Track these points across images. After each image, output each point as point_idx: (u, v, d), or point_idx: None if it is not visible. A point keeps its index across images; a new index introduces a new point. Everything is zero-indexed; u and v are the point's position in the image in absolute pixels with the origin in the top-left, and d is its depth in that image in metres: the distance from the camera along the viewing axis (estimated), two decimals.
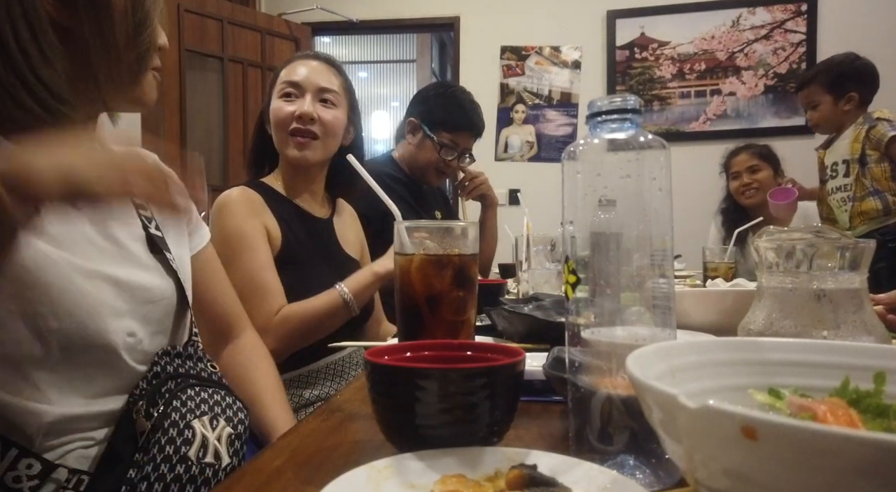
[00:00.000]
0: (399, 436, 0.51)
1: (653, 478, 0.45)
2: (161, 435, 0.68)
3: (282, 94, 1.38)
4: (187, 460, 0.67)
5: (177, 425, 0.69)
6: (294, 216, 1.40)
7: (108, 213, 0.76)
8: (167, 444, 0.67)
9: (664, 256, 0.48)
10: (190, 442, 0.69)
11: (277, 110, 1.37)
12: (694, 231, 2.86)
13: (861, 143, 2.48)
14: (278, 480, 0.50)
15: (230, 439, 0.73)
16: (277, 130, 1.39)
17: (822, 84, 2.59)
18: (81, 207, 0.52)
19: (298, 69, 1.39)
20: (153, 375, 0.74)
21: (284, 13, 4.41)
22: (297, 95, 1.38)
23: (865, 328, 0.60)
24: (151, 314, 0.77)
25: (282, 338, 1.25)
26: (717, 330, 0.93)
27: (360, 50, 7.68)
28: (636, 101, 0.50)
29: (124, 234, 0.78)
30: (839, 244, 0.61)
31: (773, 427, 0.25)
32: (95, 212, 0.73)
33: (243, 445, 0.77)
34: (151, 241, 0.82)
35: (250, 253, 1.27)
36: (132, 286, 0.74)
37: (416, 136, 2.06)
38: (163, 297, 0.80)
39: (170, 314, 0.81)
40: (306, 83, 1.38)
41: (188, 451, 0.68)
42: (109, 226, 0.76)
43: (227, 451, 0.72)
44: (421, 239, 0.74)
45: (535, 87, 4.26)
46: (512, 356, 0.53)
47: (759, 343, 0.45)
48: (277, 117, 1.37)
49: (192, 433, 0.69)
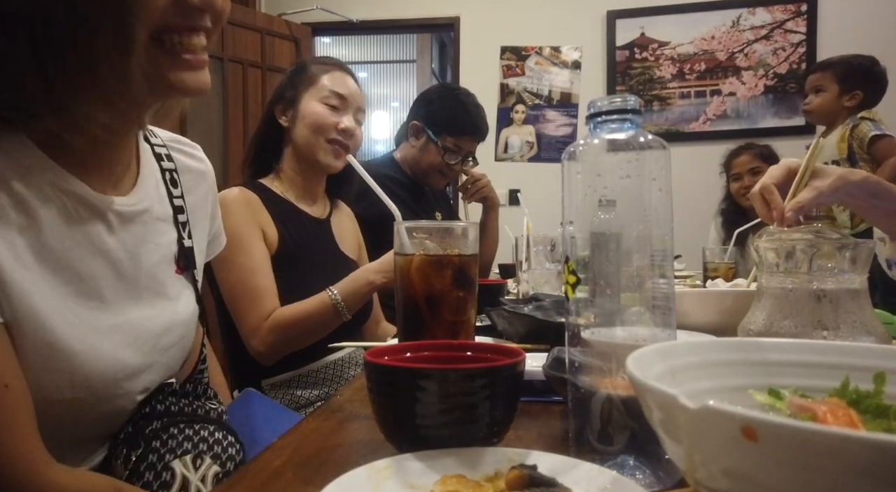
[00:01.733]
0: (399, 436, 0.51)
1: (653, 478, 0.45)
2: (136, 481, 0.64)
3: (326, 102, 1.41)
4: None
5: (154, 467, 0.65)
6: (292, 216, 1.41)
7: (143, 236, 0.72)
8: (143, 488, 0.64)
9: (664, 256, 0.48)
10: (168, 485, 0.64)
11: (323, 116, 1.40)
12: (694, 231, 2.86)
13: (847, 142, 2.50)
14: (278, 480, 0.50)
15: (217, 478, 0.68)
16: (315, 133, 1.41)
17: (836, 73, 2.61)
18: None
19: (347, 82, 1.45)
20: (140, 415, 0.70)
21: (284, 13, 4.41)
22: (341, 109, 1.42)
23: (865, 329, 0.60)
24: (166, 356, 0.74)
25: (271, 342, 1.26)
26: (717, 330, 0.93)
27: (359, 50, 7.68)
28: (636, 101, 0.50)
29: (156, 258, 0.74)
30: (839, 244, 0.61)
31: (774, 428, 0.25)
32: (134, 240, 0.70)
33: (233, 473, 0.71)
34: (181, 255, 0.78)
35: (245, 255, 1.27)
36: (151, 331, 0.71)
37: (419, 139, 2.06)
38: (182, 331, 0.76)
39: (185, 346, 0.78)
40: (350, 100, 1.44)
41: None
42: (142, 253, 0.72)
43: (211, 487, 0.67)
44: (421, 239, 0.74)
45: (535, 87, 4.26)
46: (512, 357, 0.53)
47: (759, 344, 0.45)
48: (322, 123, 1.40)
49: (171, 475, 0.65)
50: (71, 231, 0.64)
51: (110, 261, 0.68)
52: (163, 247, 0.75)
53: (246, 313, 1.26)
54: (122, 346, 0.66)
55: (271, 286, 1.30)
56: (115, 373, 0.65)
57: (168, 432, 0.68)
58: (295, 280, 1.32)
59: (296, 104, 1.43)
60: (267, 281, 1.29)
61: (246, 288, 1.25)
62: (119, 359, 0.65)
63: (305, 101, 1.42)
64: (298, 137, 1.42)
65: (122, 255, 0.69)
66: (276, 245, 1.34)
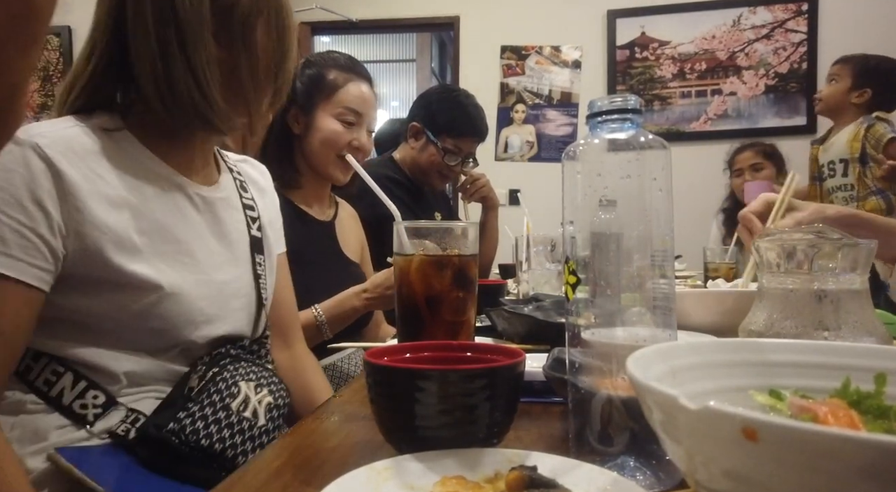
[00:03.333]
0: (398, 437, 0.51)
1: (653, 479, 0.45)
2: (211, 386, 0.79)
3: (342, 119, 1.42)
4: (228, 409, 0.78)
5: (226, 381, 0.80)
6: (296, 219, 1.40)
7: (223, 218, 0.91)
8: (215, 393, 0.78)
9: (665, 256, 0.48)
10: (234, 396, 0.79)
11: (336, 134, 1.41)
12: (694, 231, 2.86)
13: (860, 142, 2.48)
14: (278, 480, 0.50)
15: (269, 406, 0.83)
16: (328, 149, 1.41)
17: (853, 66, 2.62)
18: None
19: (362, 97, 1.44)
20: (217, 354, 0.85)
21: None
22: (356, 124, 1.43)
23: (866, 329, 0.60)
24: (231, 309, 0.88)
25: None
26: (717, 331, 0.92)
27: (359, 49, 7.68)
28: (636, 100, 0.50)
29: (234, 236, 0.92)
30: (840, 245, 0.61)
31: (774, 429, 0.25)
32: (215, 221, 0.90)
33: (280, 416, 0.85)
34: (252, 242, 0.95)
35: None
36: (228, 287, 0.87)
37: (419, 140, 2.05)
38: (246, 294, 0.91)
39: (246, 310, 0.91)
40: (365, 115, 1.44)
41: (231, 402, 0.78)
42: (225, 231, 0.91)
43: (264, 414, 0.81)
44: (420, 240, 0.74)
45: (535, 86, 4.26)
46: (512, 357, 0.53)
47: (760, 344, 0.45)
48: (335, 141, 1.41)
49: (238, 390, 0.80)
50: (166, 204, 0.83)
51: (199, 231, 0.87)
52: (238, 231, 0.94)
53: None
54: (203, 297, 0.83)
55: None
56: (195, 315, 0.82)
57: (240, 363, 0.85)
58: (298, 283, 1.32)
59: (310, 114, 1.42)
60: None
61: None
62: (200, 307, 0.82)
63: (320, 114, 1.41)
64: (309, 148, 1.42)
65: (207, 228, 0.88)
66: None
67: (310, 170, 1.45)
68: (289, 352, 1.10)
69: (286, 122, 1.44)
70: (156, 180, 0.83)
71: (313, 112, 1.42)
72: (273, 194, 1.09)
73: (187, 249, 0.84)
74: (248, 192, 1.00)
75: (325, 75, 1.44)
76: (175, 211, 0.84)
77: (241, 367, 0.84)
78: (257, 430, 0.80)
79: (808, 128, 3.85)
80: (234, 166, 1.02)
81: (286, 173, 1.43)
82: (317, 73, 1.45)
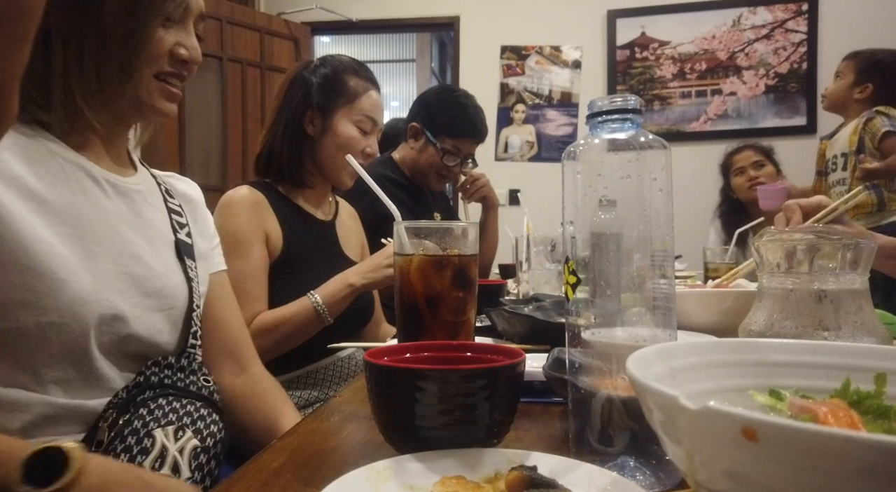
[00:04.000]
0: (398, 437, 0.51)
1: (653, 480, 0.45)
2: (119, 443, 0.67)
3: (360, 126, 1.43)
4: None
5: (137, 433, 0.68)
6: (297, 218, 1.41)
7: (138, 211, 0.83)
8: (123, 452, 0.67)
9: (665, 256, 0.48)
10: (147, 451, 0.68)
11: (355, 141, 1.42)
12: (694, 231, 2.86)
13: (858, 134, 2.48)
14: (277, 481, 0.50)
15: (195, 452, 0.72)
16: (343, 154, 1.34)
17: (858, 62, 2.62)
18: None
19: (377, 102, 1.47)
20: (135, 384, 0.74)
21: (283, 13, 4.41)
22: (371, 132, 1.46)
23: (866, 329, 0.60)
24: (161, 315, 0.79)
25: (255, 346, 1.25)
26: (717, 331, 0.93)
27: (359, 49, 7.68)
28: (636, 101, 0.50)
29: (152, 233, 0.84)
30: (840, 245, 0.61)
31: (774, 429, 0.25)
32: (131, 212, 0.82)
33: (212, 460, 0.74)
34: (179, 245, 0.88)
35: (241, 259, 1.26)
36: (147, 287, 0.78)
37: (418, 140, 2.05)
38: (175, 302, 0.82)
39: (173, 317, 0.82)
40: (378, 122, 1.48)
41: (143, 460, 0.67)
42: (139, 223, 0.82)
43: (188, 464, 0.70)
44: (420, 240, 0.74)
45: (535, 86, 4.26)
46: (512, 357, 0.53)
47: (760, 344, 0.45)
48: (352, 147, 1.41)
49: (152, 443, 0.69)
50: (65, 183, 0.74)
51: (109, 219, 0.78)
52: (159, 229, 0.86)
53: None
54: (111, 288, 0.73)
55: (261, 292, 1.29)
56: (101, 308, 0.71)
57: (156, 402, 0.73)
58: (297, 283, 1.32)
59: (328, 117, 1.41)
60: (257, 287, 1.29)
61: (235, 290, 1.25)
62: (106, 296, 0.72)
63: (339, 119, 1.41)
64: (325, 152, 1.41)
65: (121, 218, 0.80)
66: (280, 247, 1.34)
67: (318, 172, 1.44)
68: (244, 376, 1.00)
69: (302, 122, 1.42)
70: (51, 157, 0.74)
71: (332, 116, 1.41)
72: (205, 212, 1.02)
73: (93, 235, 0.74)
74: (174, 198, 0.93)
75: (345, 81, 1.43)
76: (79, 192, 0.75)
77: (159, 406, 0.72)
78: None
79: (808, 128, 3.85)
80: (157, 176, 0.94)
81: (294, 173, 1.42)
82: (335, 76, 1.44)
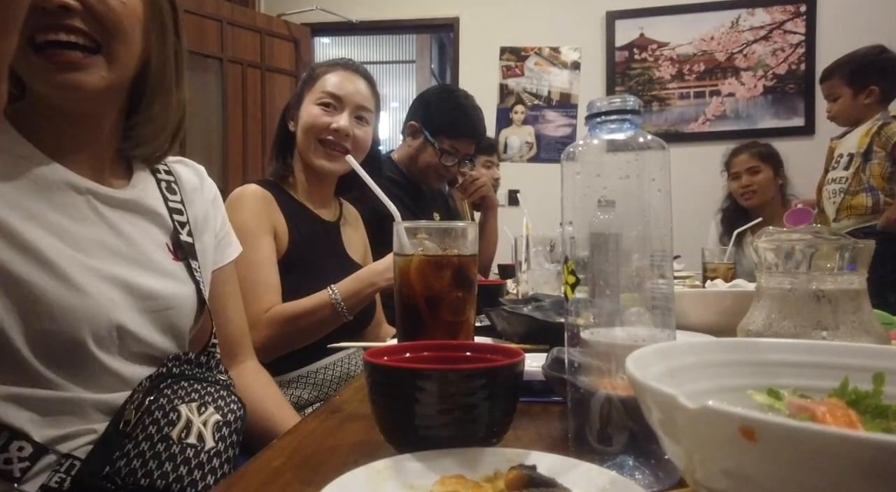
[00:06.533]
0: (398, 437, 0.51)
1: (652, 479, 0.45)
2: (146, 416, 0.70)
3: (319, 103, 1.40)
4: (168, 439, 0.69)
5: (163, 408, 0.72)
6: (303, 218, 1.41)
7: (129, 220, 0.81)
8: (151, 424, 0.70)
9: (663, 256, 0.48)
10: (174, 423, 0.71)
11: (313, 118, 1.39)
12: (693, 232, 2.86)
13: (871, 137, 2.44)
14: (277, 480, 0.50)
15: (217, 425, 0.75)
16: (307, 135, 1.40)
17: (842, 76, 2.55)
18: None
19: (343, 83, 1.42)
20: (157, 374, 0.77)
21: (284, 14, 4.41)
22: (336, 108, 1.41)
23: (864, 329, 0.60)
24: (161, 319, 0.80)
25: (267, 337, 1.24)
26: (716, 331, 0.93)
27: (359, 50, 7.68)
28: (635, 101, 0.50)
29: (146, 240, 0.82)
30: (838, 245, 0.61)
31: (772, 428, 0.25)
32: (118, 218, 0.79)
33: (233, 433, 0.77)
34: (178, 247, 0.86)
35: (252, 249, 1.26)
36: (142, 291, 0.77)
37: (416, 139, 2.05)
38: (177, 303, 0.82)
39: (184, 320, 0.83)
40: (347, 99, 1.41)
41: (171, 431, 0.70)
42: (130, 232, 0.80)
43: (212, 435, 0.73)
44: (420, 240, 0.74)
45: (534, 87, 4.26)
46: (511, 357, 0.53)
47: (759, 344, 0.45)
48: (312, 125, 1.39)
49: (178, 416, 0.72)
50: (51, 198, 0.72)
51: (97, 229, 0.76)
52: (154, 234, 0.84)
53: (245, 306, 1.25)
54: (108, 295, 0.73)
55: (274, 281, 1.29)
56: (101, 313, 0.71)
57: (179, 384, 0.76)
58: (301, 282, 1.32)
59: (298, 108, 1.44)
60: (270, 276, 1.29)
61: (247, 281, 1.24)
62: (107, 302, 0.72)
63: (304, 104, 1.43)
64: (298, 141, 1.43)
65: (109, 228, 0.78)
66: (286, 246, 1.35)
67: (306, 167, 1.45)
68: (237, 370, 1.01)
69: (286, 122, 1.46)
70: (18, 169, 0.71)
71: (300, 106, 1.44)
72: (212, 192, 0.99)
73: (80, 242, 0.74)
74: (176, 194, 0.91)
75: (313, 70, 1.47)
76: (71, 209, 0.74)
77: (182, 387, 0.76)
78: (206, 454, 0.71)
79: (807, 129, 3.86)
80: (161, 168, 0.92)
81: (283, 171, 1.45)
82: (309, 72, 1.48)
